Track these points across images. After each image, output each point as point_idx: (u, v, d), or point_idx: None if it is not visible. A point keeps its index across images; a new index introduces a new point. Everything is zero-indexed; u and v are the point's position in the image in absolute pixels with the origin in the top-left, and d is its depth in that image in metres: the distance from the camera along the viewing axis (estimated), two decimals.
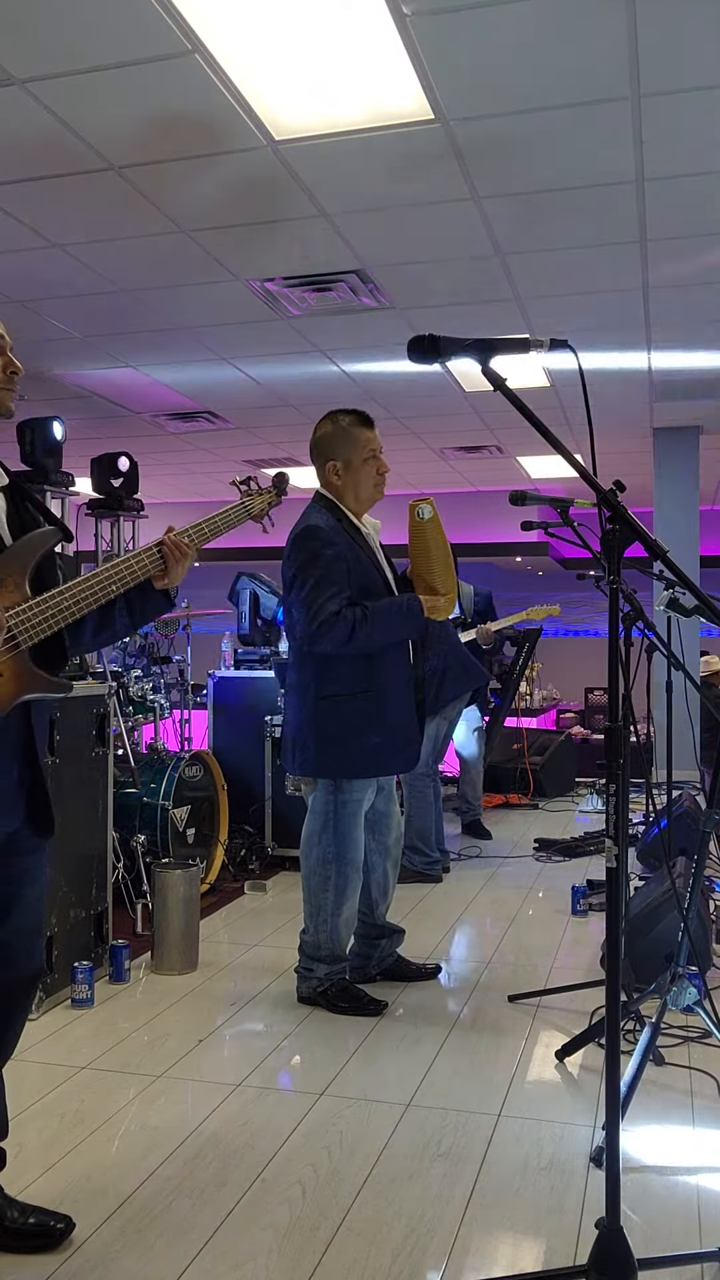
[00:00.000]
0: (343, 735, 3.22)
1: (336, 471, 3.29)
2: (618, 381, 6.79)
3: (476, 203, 4.14)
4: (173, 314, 5.48)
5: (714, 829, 2.90)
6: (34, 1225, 2.06)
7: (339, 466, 3.28)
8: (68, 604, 1.94)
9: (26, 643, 1.89)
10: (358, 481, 3.29)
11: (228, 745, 5.75)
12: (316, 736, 3.24)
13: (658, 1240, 2.10)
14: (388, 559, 3.43)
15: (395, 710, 3.28)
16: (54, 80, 3.27)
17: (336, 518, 3.26)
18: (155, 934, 3.74)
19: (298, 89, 3.33)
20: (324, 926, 3.33)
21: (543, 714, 10.47)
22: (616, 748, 1.80)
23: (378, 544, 3.39)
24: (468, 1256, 2.04)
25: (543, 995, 3.46)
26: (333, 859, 3.29)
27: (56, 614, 1.92)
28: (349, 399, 7.10)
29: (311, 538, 3.19)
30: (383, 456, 3.34)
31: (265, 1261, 2.02)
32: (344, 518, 3.28)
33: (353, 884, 3.33)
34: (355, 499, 3.31)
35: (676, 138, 3.64)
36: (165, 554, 2.11)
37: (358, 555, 3.24)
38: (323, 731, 3.24)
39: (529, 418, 1.85)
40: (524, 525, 3.50)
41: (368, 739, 3.23)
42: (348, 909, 3.34)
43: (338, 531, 3.22)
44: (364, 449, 3.28)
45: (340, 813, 3.27)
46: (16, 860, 2.00)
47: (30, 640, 1.89)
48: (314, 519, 3.24)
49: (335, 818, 3.27)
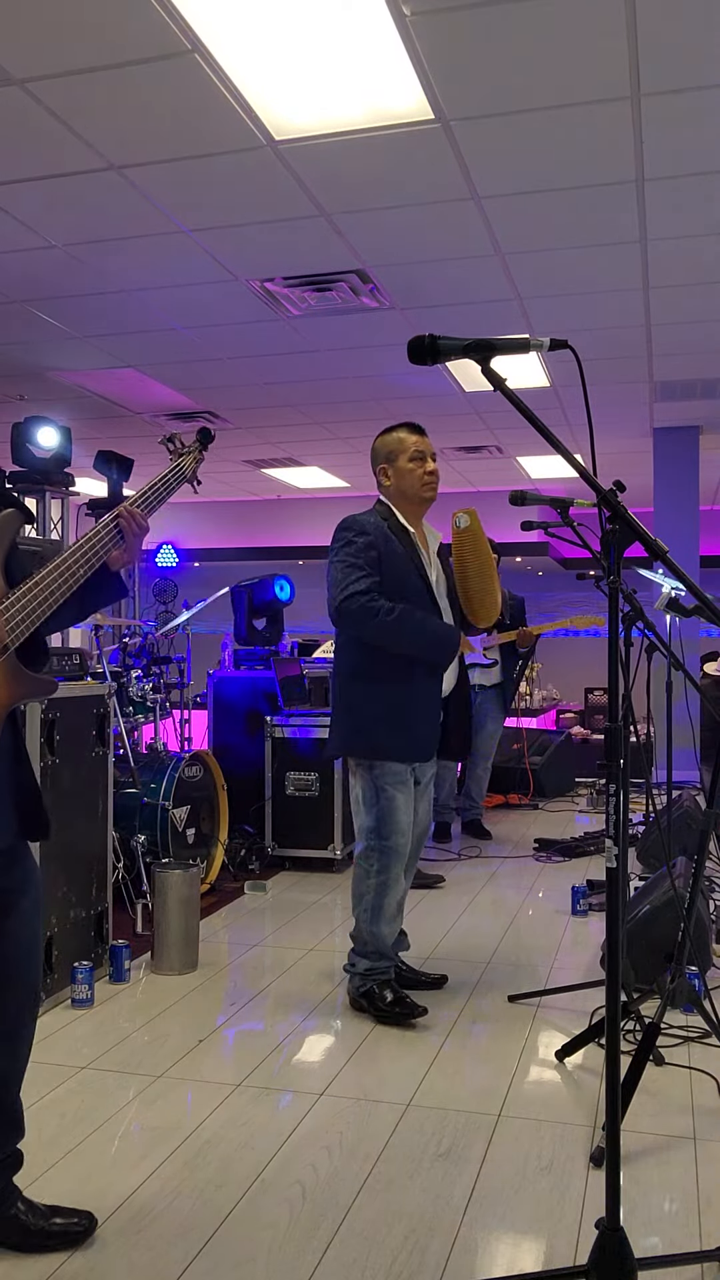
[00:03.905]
0: (366, 718, 3.29)
1: (386, 474, 3.39)
2: (618, 381, 6.79)
3: (476, 203, 4.14)
4: (173, 314, 5.48)
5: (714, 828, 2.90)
6: (58, 1226, 2.04)
7: (387, 469, 3.39)
8: (44, 596, 1.84)
9: (13, 644, 1.79)
10: (402, 480, 3.37)
11: (228, 745, 5.76)
12: (347, 718, 3.34)
13: (658, 1240, 2.10)
14: (445, 567, 3.49)
15: (417, 700, 3.31)
16: (54, 80, 3.27)
17: (384, 517, 3.36)
18: (155, 934, 3.74)
19: (298, 89, 3.33)
20: (365, 916, 3.35)
21: (543, 714, 10.47)
22: (616, 748, 1.80)
23: (431, 551, 3.45)
24: (468, 1256, 2.04)
25: (543, 995, 3.46)
26: (376, 845, 3.32)
27: (37, 608, 1.82)
28: (349, 399, 7.12)
29: (346, 528, 3.32)
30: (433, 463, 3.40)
31: (265, 1261, 2.02)
32: (392, 518, 3.37)
33: (395, 876, 3.33)
34: (404, 498, 3.39)
35: (676, 138, 3.64)
36: (122, 526, 2.01)
37: (393, 549, 3.29)
38: (350, 712, 3.33)
39: (529, 418, 1.84)
40: (524, 525, 3.50)
41: (384, 725, 3.27)
42: (390, 899, 3.34)
43: (378, 528, 3.31)
44: (410, 449, 3.37)
45: (380, 795, 3.30)
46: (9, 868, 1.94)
47: (16, 642, 1.80)
48: (361, 514, 3.36)
49: (378, 802, 3.30)
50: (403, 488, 3.37)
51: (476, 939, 4.18)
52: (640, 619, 3.40)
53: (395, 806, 3.30)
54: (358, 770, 3.35)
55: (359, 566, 3.22)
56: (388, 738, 3.27)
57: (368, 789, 3.31)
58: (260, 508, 11.96)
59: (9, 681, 1.79)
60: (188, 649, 5.91)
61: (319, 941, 4.09)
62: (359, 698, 3.31)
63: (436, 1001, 3.42)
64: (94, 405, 7.37)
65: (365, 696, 3.30)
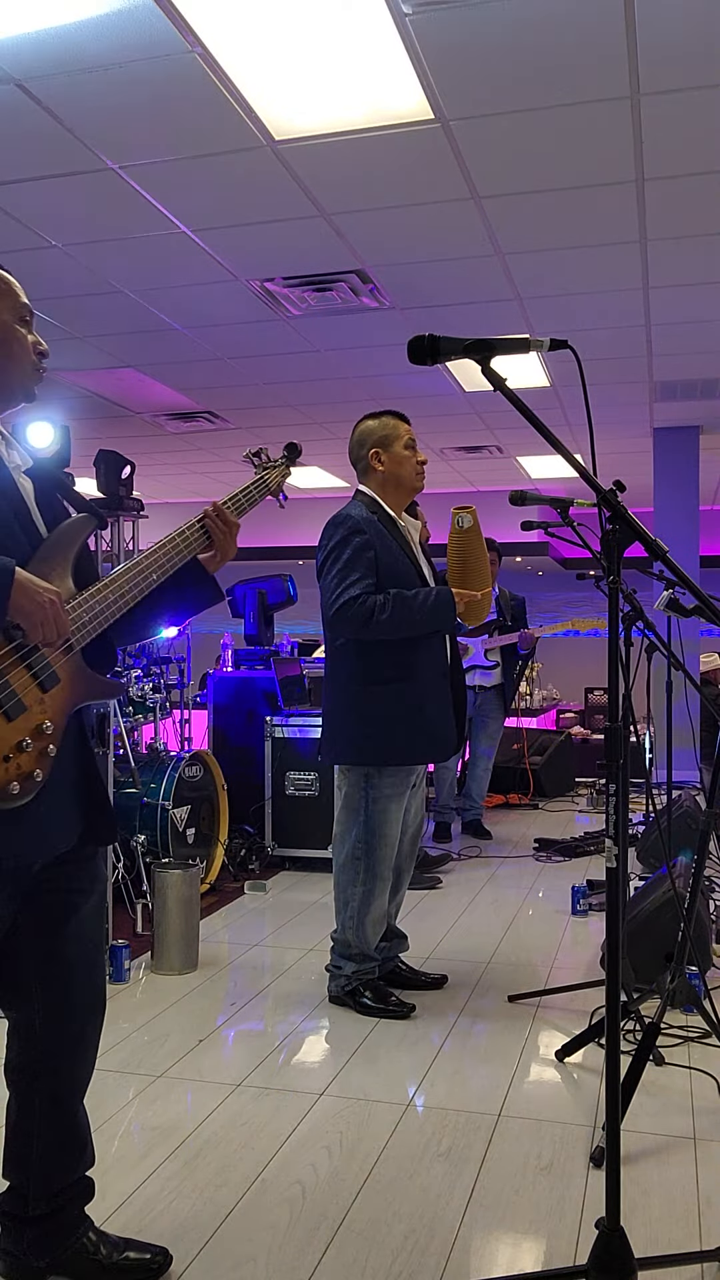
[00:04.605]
0: (378, 722, 3.22)
1: (380, 459, 3.32)
2: (618, 381, 6.79)
3: (476, 203, 4.14)
4: (173, 314, 5.48)
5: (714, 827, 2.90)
6: (131, 1261, 1.96)
7: (380, 453, 3.32)
8: (114, 599, 1.80)
9: (80, 644, 1.76)
10: (399, 466, 3.32)
11: (228, 745, 5.76)
12: (353, 723, 3.25)
13: (658, 1240, 2.10)
14: (426, 557, 3.46)
15: (431, 697, 3.28)
16: (54, 80, 3.27)
17: (372, 510, 3.31)
18: (155, 934, 3.74)
19: (298, 89, 3.33)
20: (351, 923, 3.33)
21: (543, 714, 10.46)
22: (616, 748, 1.80)
23: (416, 541, 3.42)
24: (468, 1256, 2.04)
25: (543, 995, 3.46)
26: (362, 855, 3.29)
27: (105, 610, 1.78)
28: (349, 399, 7.12)
29: (340, 525, 3.24)
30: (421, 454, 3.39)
31: (265, 1261, 2.02)
32: (380, 510, 3.32)
33: (382, 881, 3.32)
34: (396, 486, 3.34)
35: (676, 138, 3.64)
36: (209, 525, 1.95)
37: (389, 546, 3.26)
38: (359, 718, 3.24)
39: (529, 418, 1.84)
40: (524, 525, 3.50)
41: (403, 726, 3.22)
42: (376, 907, 3.34)
43: (370, 523, 3.25)
44: (404, 437, 3.34)
45: (372, 807, 3.27)
46: (70, 869, 1.87)
47: (83, 641, 1.76)
48: (348, 509, 3.30)
49: (368, 812, 3.27)
50: (399, 475, 3.32)
51: (476, 939, 4.18)
52: (640, 619, 3.41)
53: (387, 819, 3.28)
54: (349, 776, 3.31)
55: (353, 569, 3.16)
56: (407, 740, 3.22)
57: (360, 799, 3.28)
58: (260, 508, 11.90)
59: (74, 681, 1.76)
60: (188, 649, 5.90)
61: (319, 941, 4.09)
62: (368, 702, 3.23)
63: (436, 1001, 3.42)
64: (94, 405, 7.37)
65: (376, 699, 3.22)
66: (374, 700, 3.23)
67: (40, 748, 1.67)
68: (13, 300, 1.88)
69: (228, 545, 1.99)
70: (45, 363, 1.92)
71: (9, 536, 1.73)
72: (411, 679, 3.23)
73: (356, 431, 3.40)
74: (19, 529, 1.76)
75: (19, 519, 1.78)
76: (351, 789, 3.30)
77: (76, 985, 1.91)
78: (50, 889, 1.85)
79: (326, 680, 3.38)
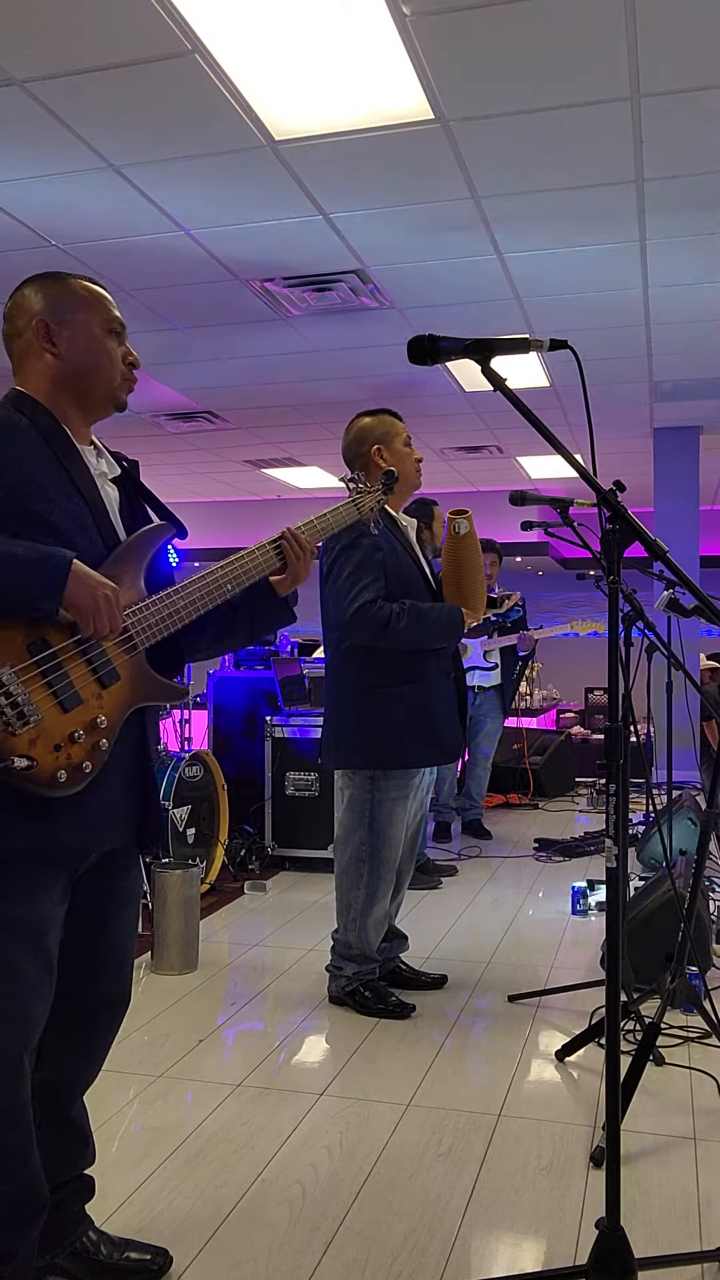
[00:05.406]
0: (385, 726, 3.20)
1: (382, 456, 3.30)
2: (618, 381, 6.79)
3: (476, 203, 4.15)
4: (172, 314, 5.48)
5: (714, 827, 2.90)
6: (132, 1262, 1.96)
7: (383, 450, 3.31)
8: (182, 605, 1.82)
9: (144, 644, 1.78)
10: (401, 464, 3.30)
11: (228, 745, 5.76)
12: (358, 727, 3.23)
13: (658, 1240, 2.10)
14: (426, 556, 3.46)
15: (436, 700, 3.27)
16: (54, 80, 3.27)
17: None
18: (155, 934, 3.74)
19: (298, 89, 3.33)
20: (353, 926, 3.33)
21: (543, 714, 10.46)
22: (616, 748, 1.80)
23: (414, 540, 3.41)
24: (468, 1256, 2.04)
25: (543, 995, 3.45)
26: (366, 857, 3.29)
27: (172, 615, 1.81)
28: (349, 399, 7.11)
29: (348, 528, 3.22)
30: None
31: (265, 1261, 2.02)
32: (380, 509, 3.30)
33: (385, 884, 3.32)
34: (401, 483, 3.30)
35: (676, 138, 3.64)
36: (284, 548, 1.97)
37: (394, 548, 3.25)
38: (365, 722, 3.22)
39: (529, 418, 1.84)
40: (524, 525, 3.50)
41: (411, 729, 3.21)
42: (378, 909, 3.33)
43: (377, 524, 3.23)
44: (403, 434, 3.35)
45: (377, 810, 3.26)
46: (110, 877, 1.87)
47: (147, 642, 1.78)
48: None
49: (372, 815, 3.26)
50: (401, 472, 3.29)
51: (476, 939, 4.18)
52: (640, 619, 3.41)
53: (392, 822, 3.28)
54: (354, 779, 3.30)
55: (365, 572, 3.14)
56: (415, 744, 3.22)
57: (365, 802, 3.27)
58: (260, 508, 11.95)
59: (135, 680, 1.78)
60: None
61: (319, 941, 4.09)
62: (375, 705, 3.21)
63: (436, 1001, 3.42)
64: None
65: (383, 703, 3.20)
66: (381, 704, 3.21)
67: (92, 741, 1.69)
68: (104, 313, 1.91)
69: (300, 569, 2.00)
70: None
71: (86, 540, 1.76)
72: (418, 681, 3.23)
73: (353, 429, 3.38)
74: (97, 533, 1.80)
75: (99, 525, 1.81)
76: (357, 792, 3.29)
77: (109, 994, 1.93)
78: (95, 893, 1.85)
79: (329, 683, 3.36)
